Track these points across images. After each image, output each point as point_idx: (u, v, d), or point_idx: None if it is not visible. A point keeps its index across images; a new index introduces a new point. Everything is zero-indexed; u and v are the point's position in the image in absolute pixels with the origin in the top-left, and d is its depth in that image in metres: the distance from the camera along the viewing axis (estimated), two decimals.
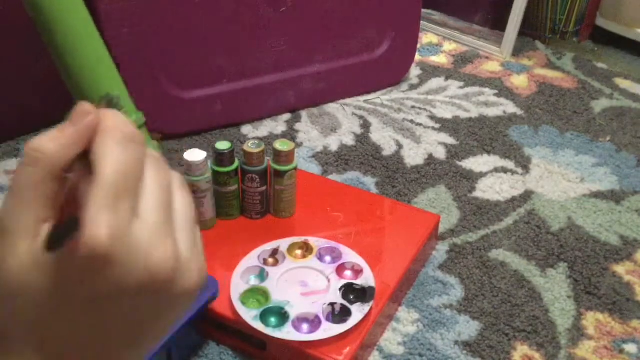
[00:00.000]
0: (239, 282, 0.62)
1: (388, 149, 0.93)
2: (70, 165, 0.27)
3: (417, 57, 1.18)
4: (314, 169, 0.89)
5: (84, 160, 0.27)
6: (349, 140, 0.95)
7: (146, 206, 0.27)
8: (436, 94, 1.09)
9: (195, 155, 0.66)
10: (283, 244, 0.67)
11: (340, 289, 0.62)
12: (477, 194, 0.85)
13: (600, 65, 1.20)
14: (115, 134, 0.27)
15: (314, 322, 0.59)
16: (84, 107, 0.28)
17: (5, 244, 0.27)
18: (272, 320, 0.59)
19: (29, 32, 0.84)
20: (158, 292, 0.27)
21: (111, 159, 0.26)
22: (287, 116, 1.01)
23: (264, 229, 0.71)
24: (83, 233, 0.25)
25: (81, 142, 0.27)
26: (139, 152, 0.27)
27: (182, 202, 0.29)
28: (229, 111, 0.96)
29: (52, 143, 0.27)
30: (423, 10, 1.14)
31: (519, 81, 1.13)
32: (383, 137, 0.96)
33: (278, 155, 0.68)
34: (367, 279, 0.63)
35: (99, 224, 0.25)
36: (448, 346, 0.63)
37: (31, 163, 0.26)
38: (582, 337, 0.65)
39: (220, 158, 0.68)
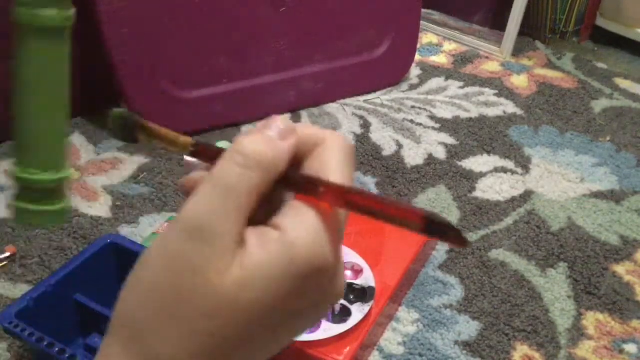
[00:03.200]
0: None
1: (388, 149, 0.93)
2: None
3: (417, 57, 1.18)
4: None
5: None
6: (349, 140, 0.95)
7: (339, 224, 0.28)
8: (436, 94, 1.09)
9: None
10: None
11: None
12: (477, 194, 0.85)
13: (600, 65, 1.20)
14: (342, 148, 0.27)
15: None
16: (282, 120, 0.27)
17: (211, 251, 0.24)
18: None
19: None
20: (327, 294, 0.27)
21: (341, 171, 0.26)
22: (287, 116, 1.01)
23: None
24: (315, 253, 0.24)
25: (293, 154, 0.26)
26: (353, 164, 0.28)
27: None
28: (229, 111, 0.96)
29: (272, 150, 0.25)
30: (423, 10, 1.14)
31: (519, 81, 1.13)
32: (383, 137, 0.96)
33: None
34: (367, 279, 0.63)
35: (330, 245, 0.25)
36: (448, 346, 0.63)
37: (251, 166, 0.25)
38: (582, 337, 0.65)
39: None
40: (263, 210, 0.25)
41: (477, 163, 0.91)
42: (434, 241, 0.74)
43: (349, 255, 0.66)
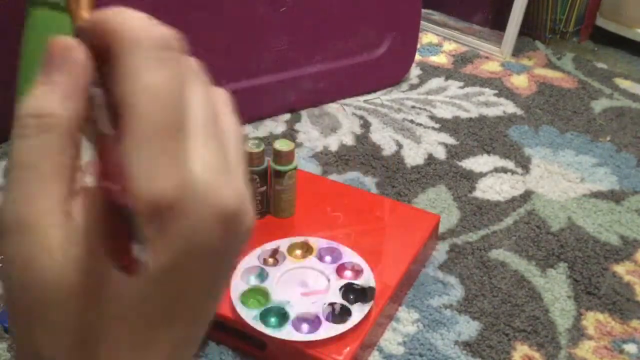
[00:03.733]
0: (239, 282, 0.62)
1: (388, 149, 0.93)
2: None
3: (417, 57, 1.18)
4: (314, 169, 0.89)
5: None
6: (349, 140, 0.95)
7: (200, 143, 0.21)
8: (436, 94, 1.09)
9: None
10: (283, 244, 0.67)
11: (340, 289, 0.62)
12: (477, 194, 0.85)
13: (600, 65, 1.20)
14: (143, 46, 0.20)
15: (314, 322, 0.59)
16: (62, 41, 0.21)
17: (30, 242, 0.21)
18: (272, 320, 0.59)
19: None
20: (230, 236, 0.22)
21: (146, 84, 0.20)
22: (287, 116, 1.01)
23: (264, 229, 0.71)
24: (137, 193, 0.19)
25: (85, 87, 0.21)
26: (179, 66, 0.21)
27: (232, 128, 0.24)
28: None
29: (52, 98, 0.21)
30: (423, 10, 1.14)
31: (519, 81, 1.13)
32: (383, 137, 0.96)
33: (278, 155, 0.68)
34: (367, 279, 0.63)
35: (153, 174, 0.20)
36: (448, 346, 0.63)
37: (33, 131, 0.21)
38: (582, 337, 0.65)
39: None
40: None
41: (477, 163, 0.91)
42: (434, 241, 0.74)
43: (349, 255, 0.66)
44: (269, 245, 0.67)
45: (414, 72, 1.15)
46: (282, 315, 0.59)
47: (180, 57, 0.21)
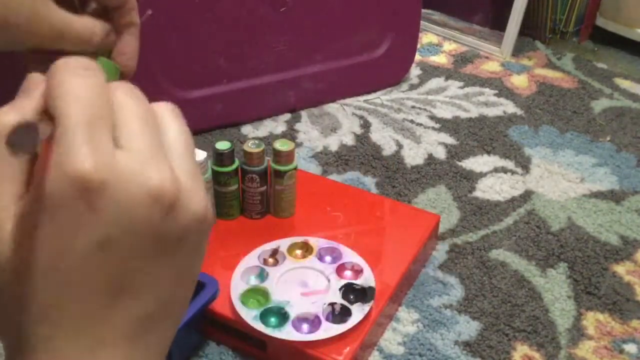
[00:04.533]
0: (239, 282, 0.62)
1: (388, 149, 0.93)
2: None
3: (417, 57, 1.18)
4: (314, 169, 0.89)
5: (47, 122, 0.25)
6: (349, 140, 0.95)
7: (128, 135, 0.25)
8: (436, 94, 1.09)
9: (195, 155, 0.66)
10: (283, 244, 0.67)
11: (340, 289, 0.62)
12: (477, 194, 0.85)
13: (600, 65, 1.20)
14: (67, 67, 0.25)
15: (314, 322, 0.59)
16: (33, 77, 0.26)
17: None
18: (272, 320, 0.59)
19: None
20: (167, 216, 0.25)
21: (71, 89, 0.24)
22: (287, 116, 1.01)
23: (264, 229, 0.71)
24: (62, 169, 0.23)
25: (41, 105, 0.25)
26: (99, 78, 0.25)
27: (176, 130, 0.27)
28: (229, 111, 0.96)
29: (11, 115, 0.24)
30: (423, 10, 1.14)
31: (519, 81, 1.13)
32: (383, 137, 0.96)
33: (278, 155, 0.68)
34: (367, 279, 0.63)
35: (76, 155, 0.23)
36: (448, 346, 0.63)
37: None
38: (582, 337, 0.65)
39: (220, 158, 0.68)
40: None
41: (477, 163, 0.91)
42: (434, 241, 0.74)
43: (349, 255, 0.66)
44: (269, 245, 0.67)
45: (414, 72, 1.15)
46: (282, 315, 0.59)
47: (103, 73, 0.25)
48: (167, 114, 0.28)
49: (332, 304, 0.60)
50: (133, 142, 0.25)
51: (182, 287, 0.28)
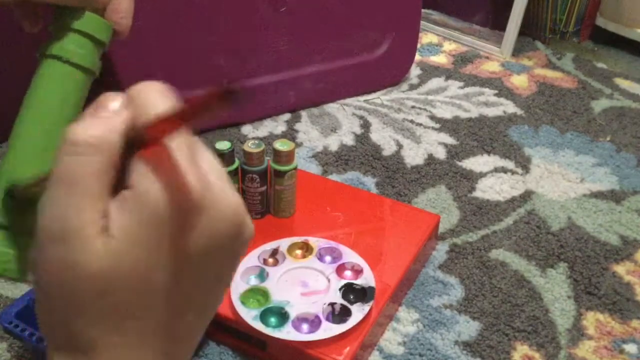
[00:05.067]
0: (239, 282, 0.62)
1: (388, 149, 0.93)
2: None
3: (417, 57, 1.18)
4: (314, 169, 0.89)
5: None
6: (349, 140, 0.95)
7: (206, 161, 0.27)
8: (436, 94, 1.09)
9: None
10: (283, 244, 0.67)
11: (340, 289, 0.62)
12: (477, 194, 0.85)
13: (600, 65, 1.20)
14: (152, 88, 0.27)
15: (314, 322, 0.59)
16: (112, 96, 0.27)
17: (75, 247, 0.24)
18: (272, 320, 0.59)
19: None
20: (238, 237, 0.27)
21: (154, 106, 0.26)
22: (287, 116, 1.01)
23: (264, 229, 0.71)
24: (176, 184, 0.24)
25: (128, 124, 0.26)
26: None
27: (215, 161, 0.29)
28: (229, 111, 0.96)
29: (102, 128, 0.25)
30: (423, 10, 1.14)
31: (519, 81, 1.13)
32: (383, 137, 0.96)
33: (278, 155, 0.68)
34: (367, 279, 0.63)
35: (189, 173, 0.25)
36: (448, 346, 0.63)
37: (88, 152, 0.24)
38: (582, 337, 0.65)
39: (220, 158, 0.68)
40: (128, 177, 0.26)
41: (477, 163, 0.91)
42: (434, 241, 0.74)
43: (349, 255, 0.66)
44: (269, 245, 0.67)
45: (414, 72, 1.15)
46: (282, 315, 0.59)
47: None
48: (202, 145, 0.29)
49: (332, 304, 0.60)
50: (211, 166, 0.27)
51: (222, 296, 0.30)
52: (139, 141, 0.25)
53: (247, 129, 0.97)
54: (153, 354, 0.26)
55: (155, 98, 0.26)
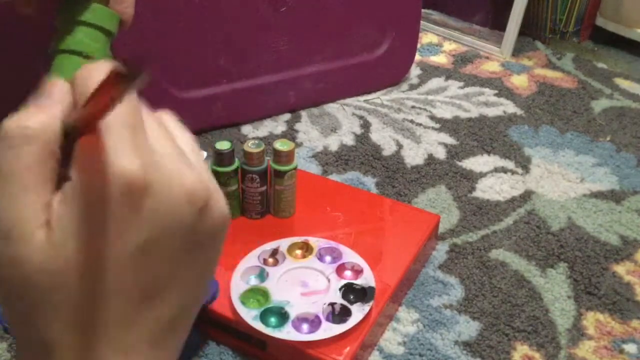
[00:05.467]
0: (239, 282, 0.62)
1: (388, 149, 0.93)
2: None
3: (417, 57, 1.18)
4: (314, 169, 0.89)
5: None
6: (349, 140, 0.95)
7: (156, 141, 0.25)
8: (436, 94, 1.09)
9: None
10: (283, 244, 0.67)
11: (340, 289, 0.62)
12: (477, 194, 0.85)
13: (600, 65, 1.20)
14: (99, 71, 0.25)
15: (314, 322, 0.59)
16: (55, 82, 0.26)
17: (17, 243, 0.23)
18: (272, 320, 0.59)
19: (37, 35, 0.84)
20: (200, 222, 0.25)
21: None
22: (287, 116, 1.01)
23: (264, 229, 0.71)
24: (112, 170, 0.23)
25: (66, 110, 0.25)
26: (132, 103, 0.26)
27: (185, 136, 0.28)
28: (229, 111, 0.96)
29: (39, 117, 0.24)
30: (423, 10, 1.14)
31: (519, 81, 1.13)
32: (383, 137, 0.96)
33: (278, 155, 0.68)
34: (367, 279, 0.63)
35: (125, 157, 0.23)
36: (448, 346, 0.63)
37: (24, 142, 0.23)
38: (582, 337, 0.65)
39: (220, 158, 0.68)
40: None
41: (477, 163, 0.91)
42: (434, 241, 0.74)
43: (349, 255, 0.66)
44: (269, 245, 0.67)
45: (414, 72, 1.15)
46: (282, 315, 0.59)
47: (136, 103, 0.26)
48: (172, 122, 0.29)
49: (332, 304, 0.60)
50: (162, 145, 0.25)
51: (201, 287, 0.28)
52: (77, 129, 0.24)
53: (247, 129, 0.97)
54: (124, 353, 0.25)
55: (98, 83, 0.24)
